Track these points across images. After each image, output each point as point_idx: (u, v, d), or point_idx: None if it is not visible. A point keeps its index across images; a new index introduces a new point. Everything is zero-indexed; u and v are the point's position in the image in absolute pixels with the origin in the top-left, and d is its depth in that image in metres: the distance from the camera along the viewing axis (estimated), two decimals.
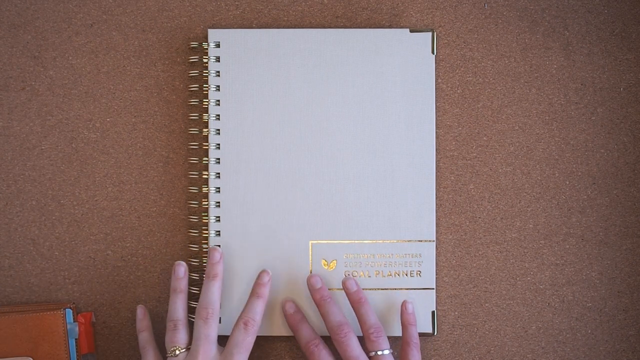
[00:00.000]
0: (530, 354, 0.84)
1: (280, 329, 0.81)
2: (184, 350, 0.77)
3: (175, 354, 0.76)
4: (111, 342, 0.83)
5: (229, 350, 0.76)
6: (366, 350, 0.77)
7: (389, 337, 0.81)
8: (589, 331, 0.84)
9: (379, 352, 0.76)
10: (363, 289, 0.81)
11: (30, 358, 0.79)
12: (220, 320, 0.81)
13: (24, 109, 0.83)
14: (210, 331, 0.76)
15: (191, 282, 0.82)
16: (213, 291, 0.78)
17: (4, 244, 0.83)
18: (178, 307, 0.78)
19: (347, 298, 0.80)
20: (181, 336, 0.77)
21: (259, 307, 0.78)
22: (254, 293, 0.79)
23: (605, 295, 0.84)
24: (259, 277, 0.79)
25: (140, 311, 0.81)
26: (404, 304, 0.80)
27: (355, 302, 0.79)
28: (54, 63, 0.83)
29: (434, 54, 0.82)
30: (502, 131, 0.84)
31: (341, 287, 0.81)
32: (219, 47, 0.81)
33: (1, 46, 0.83)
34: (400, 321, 0.80)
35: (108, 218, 0.83)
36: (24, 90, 0.83)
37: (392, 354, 0.78)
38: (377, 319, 0.78)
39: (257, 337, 0.82)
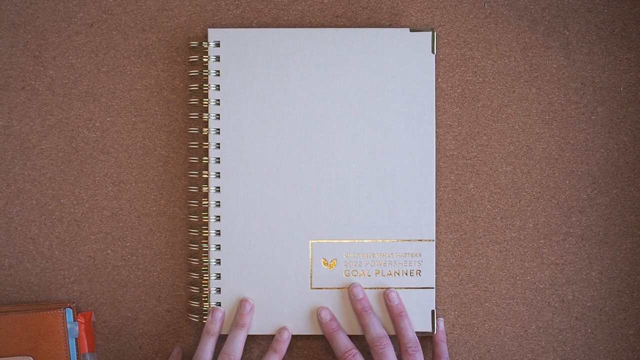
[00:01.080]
0: (530, 353, 0.84)
1: (279, 329, 0.81)
2: None
3: None
4: (111, 342, 0.83)
5: None
6: None
7: (393, 336, 0.81)
8: (589, 330, 0.84)
9: None
10: (363, 288, 0.81)
11: (30, 357, 0.79)
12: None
13: (24, 109, 0.83)
14: None
15: (192, 282, 0.82)
16: (239, 340, 0.80)
17: (4, 243, 0.83)
18: (207, 348, 0.80)
19: (387, 310, 0.81)
20: None
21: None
22: (271, 348, 0.81)
23: (605, 295, 0.84)
24: (279, 333, 0.81)
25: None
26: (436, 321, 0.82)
27: (397, 315, 0.80)
28: (54, 62, 0.83)
29: (434, 53, 0.82)
30: (502, 130, 0.84)
31: (342, 286, 0.81)
32: (219, 46, 0.81)
33: (1, 45, 0.83)
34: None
35: (108, 217, 0.83)
36: (24, 89, 0.83)
37: None
38: (415, 334, 0.80)
39: (256, 336, 0.82)
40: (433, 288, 0.82)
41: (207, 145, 0.81)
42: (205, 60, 0.81)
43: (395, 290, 0.81)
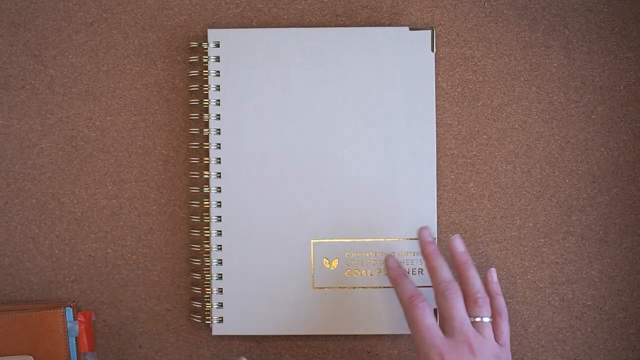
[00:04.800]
0: (530, 352, 0.84)
1: (280, 329, 0.81)
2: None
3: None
4: (111, 341, 0.83)
5: None
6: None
7: (394, 335, 0.81)
8: (589, 330, 0.84)
9: (484, 319, 0.73)
10: (364, 288, 0.81)
11: (30, 357, 0.79)
12: (222, 320, 0.81)
13: (24, 108, 0.83)
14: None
15: (193, 282, 0.83)
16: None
17: (4, 242, 0.83)
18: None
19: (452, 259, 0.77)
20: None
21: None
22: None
23: (605, 294, 0.84)
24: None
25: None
26: (487, 274, 0.78)
27: (463, 264, 0.76)
28: (54, 61, 0.83)
29: (433, 52, 0.82)
30: (502, 130, 0.84)
31: (343, 286, 0.81)
32: (219, 46, 0.81)
33: (1, 44, 0.83)
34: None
35: (108, 216, 0.83)
36: (24, 88, 0.83)
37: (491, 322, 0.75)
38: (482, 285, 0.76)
39: (257, 336, 0.83)
40: None
41: (207, 145, 0.81)
42: (205, 60, 0.81)
43: (460, 237, 0.78)
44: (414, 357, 0.80)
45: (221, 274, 0.81)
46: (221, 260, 0.81)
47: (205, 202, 0.81)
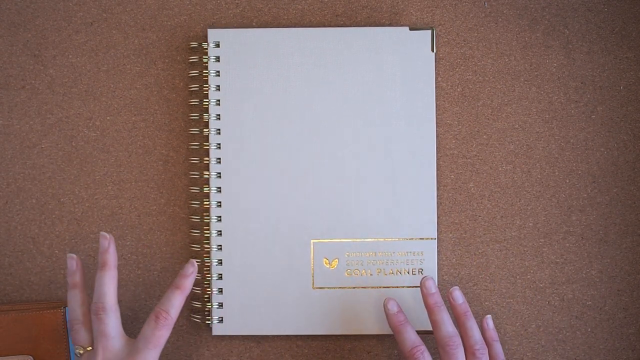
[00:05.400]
0: (530, 352, 0.84)
1: (280, 329, 0.81)
2: (88, 348, 0.73)
3: (79, 354, 0.73)
4: None
5: (136, 344, 0.72)
6: None
7: (394, 335, 0.81)
8: (589, 329, 0.84)
9: None
10: (364, 288, 0.81)
11: (30, 357, 0.79)
12: (222, 320, 0.81)
13: (24, 108, 0.83)
14: (104, 327, 0.72)
15: (194, 283, 0.82)
16: (104, 282, 0.72)
17: (4, 242, 0.83)
18: (73, 305, 0.74)
19: (451, 310, 0.79)
20: (81, 335, 0.73)
21: (176, 301, 0.73)
22: (173, 284, 0.74)
23: (605, 294, 0.84)
24: (183, 268, 0.75)
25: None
26: (484, 321, 0.80)
27: (462, 315, 0.77)
28: (54, 61, 0.83)
29: (433, 51, 0.82)
30: (502, 130, 0.84)
31: (343, 286, 0.81)
32: (219, 46, 0.81)
33: (1, 44, 0.83)
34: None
35: (108, 216, 0.83)
36: (24, 88, 0.83)
37: None
38: (481, 335, 0.77)
39: (257, 336, 0.83)
40: None
41: (207, 145, 0.81)
42: (205, 60, 0.81)
43: (459, 289, 0.79)
44: None
45: (221, 274, 0.81)
46: (221, 260, 0.81)
47: (205, 202, 0.81)
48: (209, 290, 0.81)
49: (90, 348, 0.73)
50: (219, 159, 0.81)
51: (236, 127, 0.81)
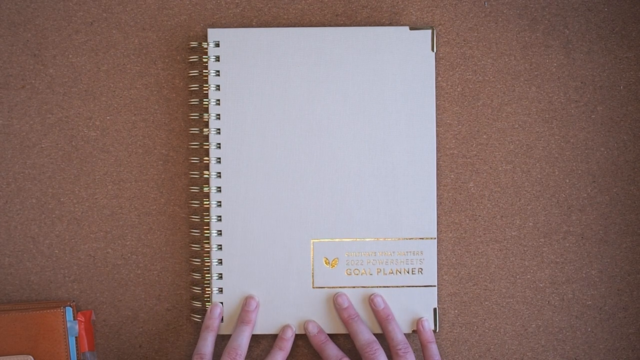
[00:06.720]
0: (530, 352, 0.84)
1: (280, 329, 0.81)
2: None
3: None
4: (111, 340, 0.83)
5: None
6: None
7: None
8: (589, 329, 0.84)
9: None
10: (364, 288, 0.81)
11: (30, 356, 0.79)
12: (222, 320, 0.81)
13: (24, 107, 0.83)
14: None
15: (193, 282, 0.82)
16: (244, 336, 0.79)
17: (4, 242, 0.83)
18: (208, 343, 0.79)
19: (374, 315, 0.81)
20: None
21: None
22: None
23: (605, 294, 0.84)
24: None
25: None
26: (419, 323, 0.81)
27: (384, 320, 0.80)
28: (54, 61, 0.83)
29: (433, 51, 0.82)
30: (502, 129, 0.84)
31: (343, 285, 0.81)
32: (219, 46, 0.81)
33: (1, 44, 0.83)
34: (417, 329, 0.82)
35: (108, 216, 0.83)
36: (24, 88, 0.83)
37: None
38: (404, 335, 0.80)
39: (258, 336, 0.83)
40: (435, 286, 0.82)
41: (207, 145, 0.81)
42: (205, 60, 0.81)
43: (379, 294, 0.81)
44: None
45: (221, 274, 0.81)
46: (221, 259, 0.81)
47: (205, 202, 0.81)
48: (208, 290, 0.81)
49: None
50: (219, 158, 0.81)
51: (236, 127, 0.81)
